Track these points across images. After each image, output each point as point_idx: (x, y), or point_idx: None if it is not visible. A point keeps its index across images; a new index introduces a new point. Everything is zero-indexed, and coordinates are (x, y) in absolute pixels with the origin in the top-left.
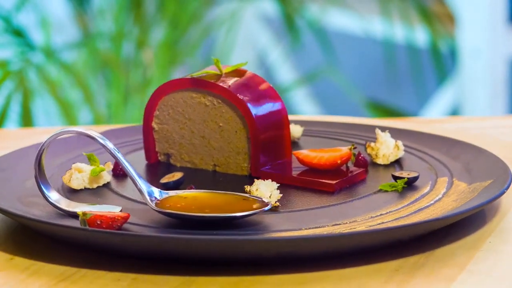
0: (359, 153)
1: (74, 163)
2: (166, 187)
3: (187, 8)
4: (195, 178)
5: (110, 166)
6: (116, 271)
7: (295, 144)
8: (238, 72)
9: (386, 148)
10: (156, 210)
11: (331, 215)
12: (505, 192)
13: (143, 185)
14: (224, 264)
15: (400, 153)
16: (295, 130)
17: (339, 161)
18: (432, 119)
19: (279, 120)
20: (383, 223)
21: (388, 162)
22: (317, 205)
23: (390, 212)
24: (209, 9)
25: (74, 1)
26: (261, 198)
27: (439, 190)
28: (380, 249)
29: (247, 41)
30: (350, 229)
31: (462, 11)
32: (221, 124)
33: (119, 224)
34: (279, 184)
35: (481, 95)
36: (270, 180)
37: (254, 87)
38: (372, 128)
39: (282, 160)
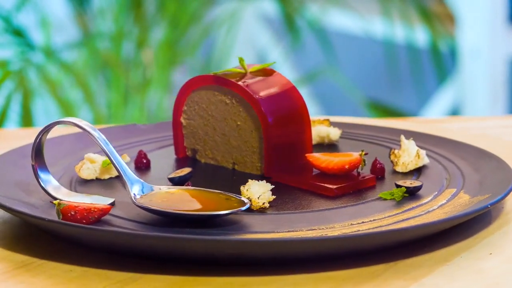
0: (376, 160)
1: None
2: (172, 182)
3: (187, 8)
4: (212, 174)
5: (126, 158)
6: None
7: (333, 147)
8: (264, 72)
9: (408, 156)
10: (136, 205)
11: (313, 219)
12: (487, 208)
13: (128, 179)
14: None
15: (422, 162)
16: (333, 133)
17: (347, 166)
18: (432, 119)
19: (298, 122)
20: (358, 230)
21: (407, 170)
22: (305, 209)
23: (373, 220)
24: (209, 9)
25: (74, 1)
26: (242, 199)
27: (438, 201)
28: (344, 257)
29: (247, 41)
30: (321, 234)
31: (462, 11)
32: (239, 123)
33: (96, 216)
34: (273, 186)
35: (481, 95)
36: (264, 181)
37: (274, 88)
38: (411, 134)
39: (300, 162)
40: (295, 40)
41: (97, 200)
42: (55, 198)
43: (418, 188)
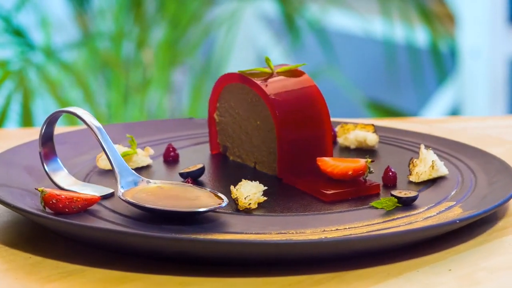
0: (389, 168)
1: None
2: (182, 177)
3: (187, 8)
4: (228, 173)
5: (149, 150)
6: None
7: (370, 152)
8: (291, 73)
9: (424, 166)
10: (119, 197)
11: (288, 223)
12: (454, 223)
13: (119, 171)
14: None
15: (437, 173)
16: (370, 138)
17: (350, 172)
18: (432, 119)
19: (316, 125)
20: (325, 237)
21: (419, 180)
22: (289, 213)
23: (348, 228)
24: (209, 9)
25: (74, 1)
26: (223, 197)
27: (427, 213)
28: (295, 262)
29: (247, 41)
30: (286, 238)
31: (462, 11)
32: (258, 122)
33: (79, 206)
34: (266, 188)
35: (481, 95)
36: (257, 182)
37: (294, 89)
38: (450, 143)
39: (315, 165)
40: (295, 40)
41: (97, 190)
42: (58, 186)
43: (412, 199)
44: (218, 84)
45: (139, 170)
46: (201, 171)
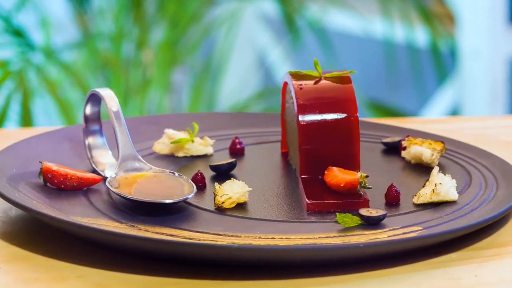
0: (392, 185)
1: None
2: (211, 169)
3: (187, 8)
4: (258, 173)
5: (207, 140)
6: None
7: (427, 169)
8: (338, 79)
9: (429, 188)
10: (106, 184)
11: (235, 226)
12: (359, 247)
13: (122, 156)
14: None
15: (439, 198)
16: (426, 155)
17: (342, 185)
18: (432, 119)
19: (341, 135)
20: (260, 244)
21: (418, 202)
22: (254, 216)
23: (283, 238)
24: (209, 9)
25: (74, 1)
26: (194, 191)
27: (382, 234)
28: (217, 265)
29: (247, 41)
30: (212, 239)
31: (462, 11)
32: (294, 126)
33: (74, 184)
34: (250, 189)
35: (481, 95)
36: (243, 183)
37: (327, 96)
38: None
39: None
40: (295, 40)
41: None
42: (94, 168)
43: (375, 219)
44: (283, 86)
45: (194, 159)
46: (230, 165)
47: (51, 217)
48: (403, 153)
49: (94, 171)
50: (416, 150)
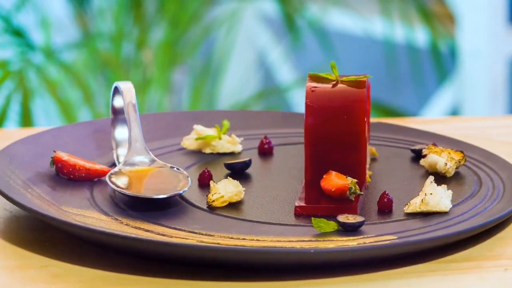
0: (385, 192)
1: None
2: (225, 167)
3: (187, 8)
4: (272, 175)
5: (234, 138)
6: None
7: (442, 178)
8: (353, 83)
9: (420, 197)
10: (106, 179)
11: (214, 226)
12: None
13: (132, 148)
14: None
15: (427, 208)
16: (440, 165)
17: (332, 189)
18: (432, 119)
19: (345, 140)
20: (218, 243)
21: (407, 211)
22: (239, 216)
23: (257, 240)
24: (209, 9)
25: (74, 1)
26: (186, 188)
27: (355, 241)
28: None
29: (247, 41)
30: (195, 240)
31: (462, 11)
32: None
33: (82, 175)
34: (244, 189)
35: (481, 95)
36: (237, 182)
37: (337, 101)
38: None
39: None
40: (295, 40)
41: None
42: (116, 159)
43: (350, 225)
44: None
45: (220, 156)
46: (243, 164)
47: (22, 205)
48: (422, 161)
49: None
50: (432, 158)
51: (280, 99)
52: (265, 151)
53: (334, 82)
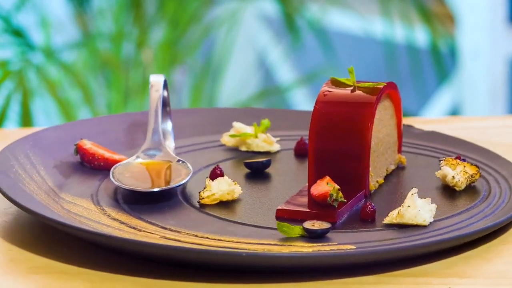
0: (369, 202)
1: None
2: (245, 166)
3: (187, 8)
4: (288, 176)
5: (270, 138)
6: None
7: (451, 192)
8: (368, 89)
9: (405, 208)
10: (111, 170)
11: (190, 224)
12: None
13: (150, 140)
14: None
15: (403, 220)
16: (449, 178)
17: (316, 194)
18: (432, 119)
19: (350, 150)
20: (186, 241)
21: (386, 222)
22: (229, 217)
23: (219, 239)
24: (209, 9)
25: (74, 1)
26: (183, 182)
27: (307, 249)
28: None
29: (247, 41)
30: (151, 235)
31: (462, 11)
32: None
33: (101, 164)
34: (239, 187)
35: (481, 95)
36: (233, 182)
37: (346, 107)
38: None
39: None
40: (295, 40)
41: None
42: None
43: (313, 232)
44: None
45: (255, 154)
46: (259, 164)
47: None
48: (437, 173)
49: None
50: (444, 171)
51: (280, 99)
52: (301, 153)
53: (351, 88)
